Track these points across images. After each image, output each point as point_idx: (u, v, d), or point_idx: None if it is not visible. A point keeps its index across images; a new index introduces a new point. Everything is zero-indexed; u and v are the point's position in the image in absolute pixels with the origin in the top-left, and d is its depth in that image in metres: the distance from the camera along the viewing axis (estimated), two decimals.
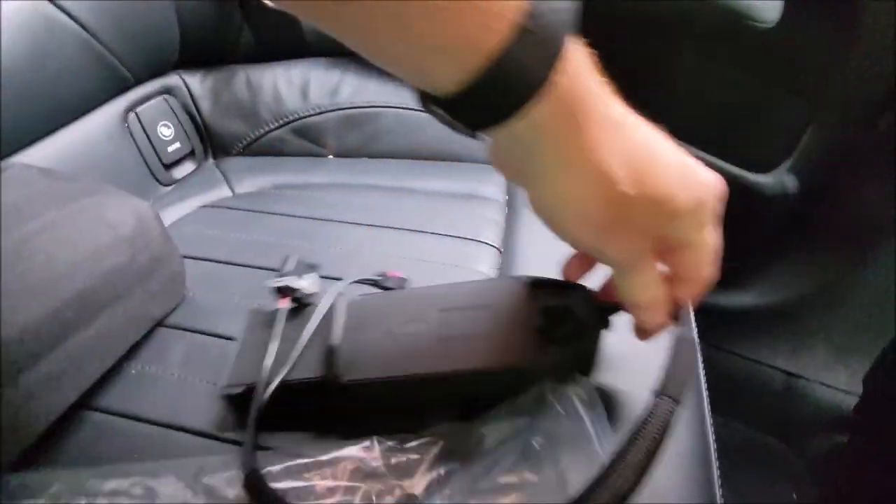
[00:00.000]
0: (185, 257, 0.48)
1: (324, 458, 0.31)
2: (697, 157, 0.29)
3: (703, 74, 0.76)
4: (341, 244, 0.51)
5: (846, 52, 0.67)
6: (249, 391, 0.34)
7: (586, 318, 0.33)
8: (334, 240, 0.52)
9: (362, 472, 0.31)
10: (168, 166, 0.68)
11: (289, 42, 0.72)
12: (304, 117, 0.69)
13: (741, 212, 0.81)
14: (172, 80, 0.71)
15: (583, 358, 0.34)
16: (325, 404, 0.35)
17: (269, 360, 0.34)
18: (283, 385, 0.34)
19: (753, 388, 0.92)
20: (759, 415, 0.94)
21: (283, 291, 0.39)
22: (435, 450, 0.31)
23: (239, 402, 0.34)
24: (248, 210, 0.58)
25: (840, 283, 0.83)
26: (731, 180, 0.31)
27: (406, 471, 0.30)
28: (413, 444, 0.32)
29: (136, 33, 0.63)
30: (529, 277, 0.36)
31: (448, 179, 0.62)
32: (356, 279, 0.43)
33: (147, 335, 0.42)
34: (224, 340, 0.42)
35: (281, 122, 0.70)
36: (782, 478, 0.88)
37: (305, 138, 0.69)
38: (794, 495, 0.86)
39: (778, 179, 0.75)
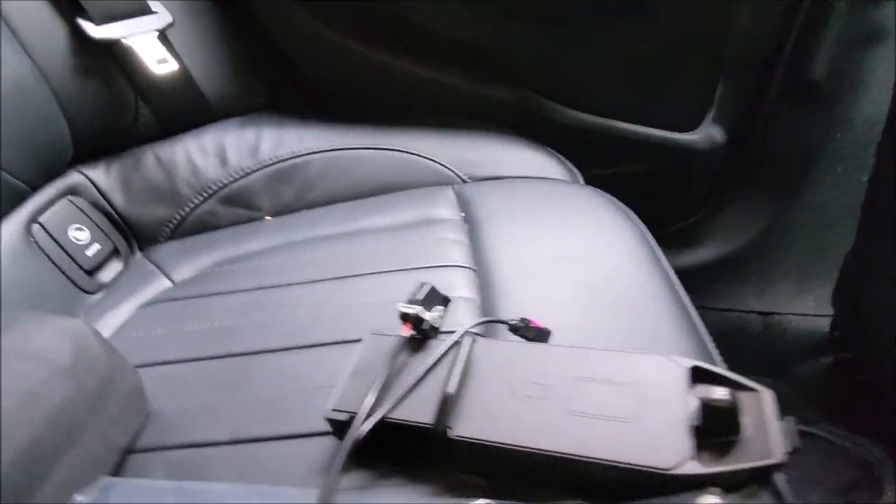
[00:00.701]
0: (139, 367, 0.43)
1: None
2: (626, 131, 0.27)
3: (610, 50, 0.77)
4: (304, 307, 0.47)
5: (734, 15, 0.70)
6: (353, 419, 0.32)
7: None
8: (295, 304, 0.48)
9: None
10: (91, 272, 0.62)
11: (192, 110, 0.67)
12: (229, 184, 0.65)
13: (682, 172, 0.83)
14: (74, 178, 0.65)
15: (754, 474, 0.27)
16: (427, 451, 0.33)
17: (374, 392, 0.33)
18: (385, 422, 0.32)
19: (734, 335, 0.94)
20: (745, 358, 0.96)
21: (407, 319, 0.36)
22: None
23: (344, 430, 0.32)
24: (194, 297, 0.53)
25: (785, 216, 0.86)
26: (664, 145, 0.30)
27: None
28: None
29: (19, 138, 0.57)
30: (687, 361, 0.31)
31: (395, 211, 0.60)
32: (490, 320, 0.40)
33: (119, 467, 0.37)
34: (209, 448, 0.37)
35: (205, 194, 0.65)
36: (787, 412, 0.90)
37: (236, 206, 0.65)
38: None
39: (706, 134, 0.77)
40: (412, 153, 0.65)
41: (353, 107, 0.71)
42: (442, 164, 0.64)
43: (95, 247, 0.62)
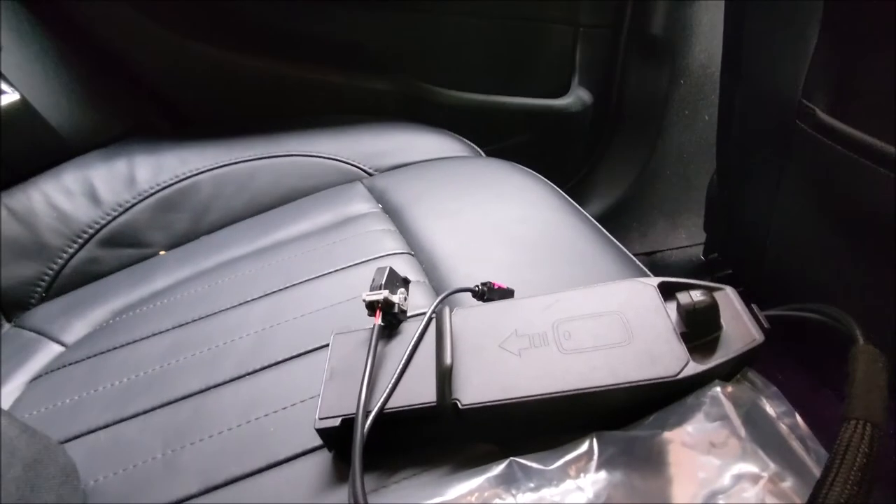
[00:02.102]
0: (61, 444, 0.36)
1: (457, 493, 0.27)
2: (508, 104, 0.29)
3: (475, 30, 0.80)
4: (245, 330, 0.43)
5: None
6: (348, 424, 0.30)
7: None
8: (233, 330, 0.44)
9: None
10: None
11: (42, 147, 0.58)
12: (107, 223, 0.57)
13: (563, 136, 0.89)
14: None
15: (743, 359, 0.30)
16: (432, 430, 0.32)
17: (365, 387, 0.30)
18: (386, 414, 0.30)
19: None
20: None
21: (376, 306, 0.34)
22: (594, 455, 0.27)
23: (337, 438, 0.31)
24: (101, 353, 0.46)
25: (651, 162, 0.96)
26: (544, 112, 0.33)
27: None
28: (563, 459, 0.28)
29: None
30: (653, 279, 0.33)
31: (310, 216, 0.57)
32: (457, 289, 0.38)
33: None
34: None
35: (79, 240, 0.56)
36: None
37: (121, 246, 0.57)
38: None
39: (576, 97, 0.83)
40: (311, 155, 0.62)
41: (235, 120, 0.66)
42: (344, 162, 0.62)
43: None
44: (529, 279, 0.44)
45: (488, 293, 0.39)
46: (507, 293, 0.39)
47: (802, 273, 0.70)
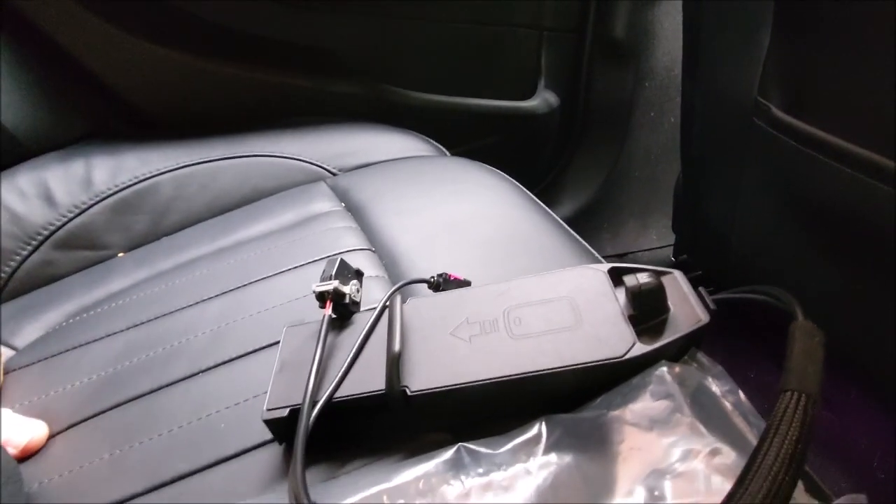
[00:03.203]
0: None
1: (403, 479, 0.26)
2: (476, 106, 0.29)
3: (440, 32, 0.80)
4: (200, 329, 0.42)
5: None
6: (295, 414, 0.29)
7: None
8: (188, 329, 0.43)
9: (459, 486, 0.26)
10: None
11: None
12: (62, 225, 0.56)
13: (530, 138, 0.89)
14: None
15: (690, 339, 0.31)
16: (383, 420, 0.32)
17: (314, 376, 0.30)
18: (335, 403, 0.30)
19: None
20: None
21: (327, 297, 0.33)
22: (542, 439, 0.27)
23: (285, 429, 0.31)
24: (52, 356, 0.45)
25: (619, 164, 0.97)
26: (511, 114, 0.33)
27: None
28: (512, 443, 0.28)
29: None
30: (603, 265, 0.34)
31: (272, 215, 0.56)
32: (411, 280, 0.38)
33: None
34: None
35: (33, 242, 0.55)
36: None
37: (77, 248, 0.56)
38: None
39: (542, 99, 0.84)
40: (274, 156, 0.61)
41: (196, 122, 0.66)
42: (308, 162, 0.62)
43: None
44: (489, 273, 0.43)
45: (444, 284, 0.39)
46: (463, 284, 0.39)
47: (767, 269, 0.71)
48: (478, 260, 0.46)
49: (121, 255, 0.57)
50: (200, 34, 0.66)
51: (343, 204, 0.56)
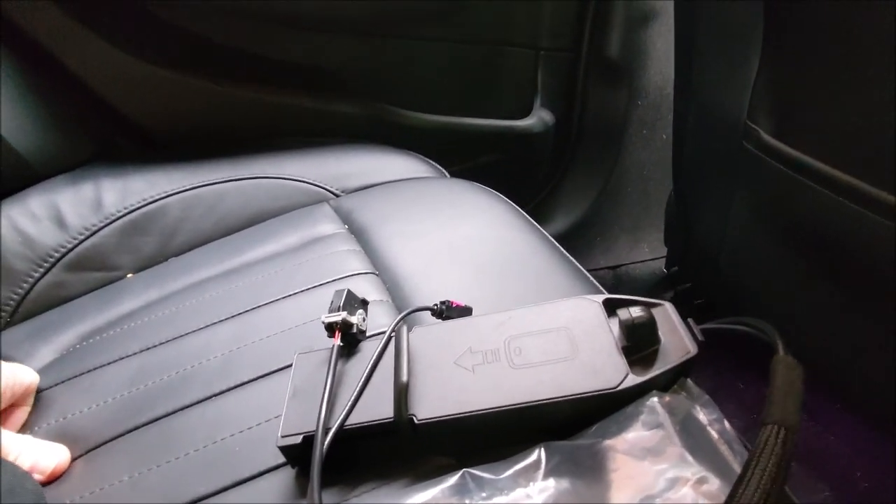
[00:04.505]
0: None
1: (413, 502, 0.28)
2: (473, 126, 0.31)
3: (438, 53, 0.82)
4: (213, 352, 0.44)
5: (539, 11, 0.80)
6: (309, 441, 0.31)
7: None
8: (201, 352, 0.44)
9: None
10: None
11: (8, 173, 0.58)
12: (73, 247, 0.57)
13: (526, 156, 0.92)
14: None
15: (680, 370, 0.32)
16: (391, 445, 0.33)
17: (325, 405, 0.32)
18: (346, 430, 0.32)
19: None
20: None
21: (335, 328, 0.35)
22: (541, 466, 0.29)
23: (299, 454, 0.32)
24: (68, 379, 0.46)
25: (612, 179, 0.99)
26: (507, 133, 0.35)
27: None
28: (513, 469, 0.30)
29: None
30: (598, 297, 0.36)
31: (277, 237, 0.58)
32: (416, 309, 0.40)
33: None
34: None
35: (45, 264, 0.56)
36: None
37: (88, 270, 0.57)
38: None
39: (538, 118, 0.86)
40: (278, 177, 0.63)
41: (202, 143, 0.67)
42: (311, 183, 0.64)
43: None
44: (488, 296, 0.46)
45: (447, 311, 0.41)
46: (465, 311, 0.41)
47: (754, 286, 0.73)
48: (477, 283, 0.48)
49: (130, 276, 0.58)
50: (204, 56, 0.68)
51: (346, 226, 0.57)
